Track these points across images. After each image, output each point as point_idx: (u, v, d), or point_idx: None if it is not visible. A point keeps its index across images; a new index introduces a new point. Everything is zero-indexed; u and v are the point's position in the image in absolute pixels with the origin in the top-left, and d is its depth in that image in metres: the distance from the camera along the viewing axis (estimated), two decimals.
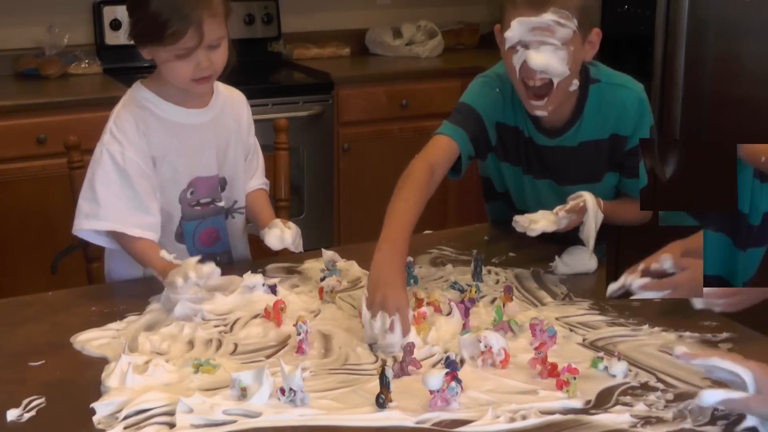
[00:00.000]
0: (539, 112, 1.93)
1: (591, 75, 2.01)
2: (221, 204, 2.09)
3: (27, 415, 1.40)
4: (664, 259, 1.68)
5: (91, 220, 1.91)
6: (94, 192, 1.91)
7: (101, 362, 1.56)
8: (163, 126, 1.98)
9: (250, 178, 2.18)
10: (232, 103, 2.11)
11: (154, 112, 1.97)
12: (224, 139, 2.07)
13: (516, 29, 1.84)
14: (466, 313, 1.71)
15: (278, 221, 2.00)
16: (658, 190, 1.95)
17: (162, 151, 1.97)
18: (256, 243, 2.14)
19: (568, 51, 1.84)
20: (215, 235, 2.10)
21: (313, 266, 1.99)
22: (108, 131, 1.95)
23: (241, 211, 2.15)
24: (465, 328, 1.66)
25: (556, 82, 1.87)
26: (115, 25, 3.94)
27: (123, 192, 1.91)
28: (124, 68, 3.85)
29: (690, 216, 1.95)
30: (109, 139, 1.94)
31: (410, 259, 2.01)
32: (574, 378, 1.45)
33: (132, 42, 1.95)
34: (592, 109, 2.00)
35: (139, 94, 1.99)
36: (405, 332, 1.60)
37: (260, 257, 2.15)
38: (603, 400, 1.44)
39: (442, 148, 1.99)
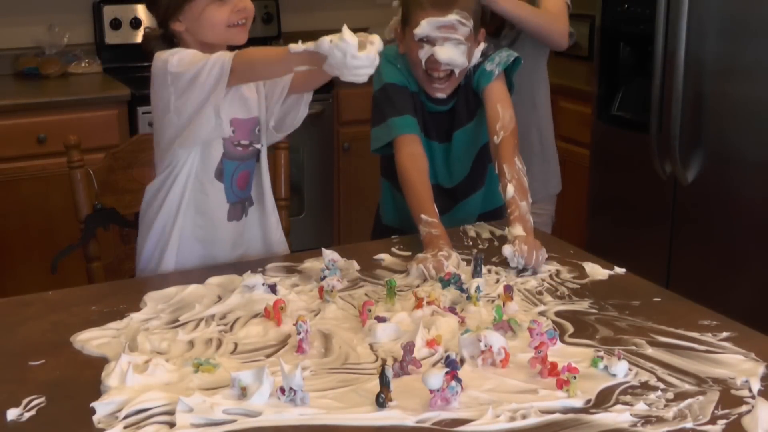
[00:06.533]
0: (440, 94, 2.25)
1: None
2: (259, 146, 2.11)
3: (27, 415, 1.40)
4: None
5: (220, 70, 1.85)
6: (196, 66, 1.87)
7: (101, 362, 1.56)
8: None
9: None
10: None
11: None
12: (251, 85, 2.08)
13: (425, 27, 2.12)
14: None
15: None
16: None
17: None
18: None
19: (467, 46, 2.15)
20: (248, 179, 2.13)
21: (313, 265, 1.99)
22: (167, 58, 1.91)
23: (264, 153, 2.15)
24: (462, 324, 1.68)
25: (457, 72, 2.19)
26: (115, 24, 3.95)
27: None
28: (123, 67, 3.85)
29: None
30: (172, 56, 1.91)
31: None
32: (575, 377, 1.44)
33: (162, 28, 2.00)
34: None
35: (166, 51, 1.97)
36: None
37: None
38: (603, 400, 1.44)
39: (407, 145, 2.23)
